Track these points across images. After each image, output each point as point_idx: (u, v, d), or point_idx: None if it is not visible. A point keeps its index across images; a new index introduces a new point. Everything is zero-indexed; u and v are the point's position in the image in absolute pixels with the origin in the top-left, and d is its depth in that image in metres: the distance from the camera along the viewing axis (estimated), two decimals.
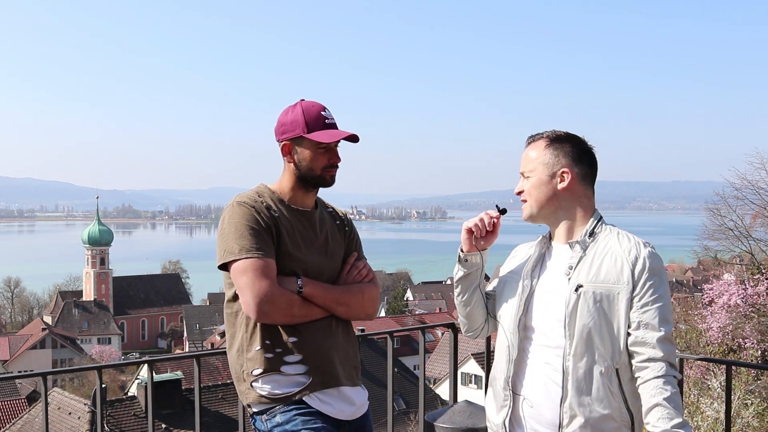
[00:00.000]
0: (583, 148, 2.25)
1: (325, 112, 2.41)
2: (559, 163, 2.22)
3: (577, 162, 2.22)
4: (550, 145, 2.24)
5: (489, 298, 2.42)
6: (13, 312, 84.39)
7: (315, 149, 2.38)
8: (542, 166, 2.23)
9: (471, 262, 2.33)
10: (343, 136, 2.39)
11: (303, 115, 2.38)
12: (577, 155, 2.23)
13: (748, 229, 16.26)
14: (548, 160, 2.23)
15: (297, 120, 2.39)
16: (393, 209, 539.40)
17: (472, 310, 2.39)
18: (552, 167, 2.22)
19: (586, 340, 2.09)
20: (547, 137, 2.26)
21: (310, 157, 2.39)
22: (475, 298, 2.37)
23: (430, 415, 3.37)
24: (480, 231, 2.29)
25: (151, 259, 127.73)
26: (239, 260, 2.27)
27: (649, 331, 2.07)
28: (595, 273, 2.13)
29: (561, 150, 2.23)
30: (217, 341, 58.07)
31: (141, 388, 22.77)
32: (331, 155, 2.41)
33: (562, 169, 2.21)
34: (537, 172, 2.24)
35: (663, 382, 2.04)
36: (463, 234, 2.31)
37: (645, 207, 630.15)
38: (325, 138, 2.36)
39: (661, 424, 2.01)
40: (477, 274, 2.36)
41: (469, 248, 2.31)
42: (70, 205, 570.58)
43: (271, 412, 2.31)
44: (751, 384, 10.21)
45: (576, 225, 2.23)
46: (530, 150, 2.28)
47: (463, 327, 2.46)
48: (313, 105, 2.42)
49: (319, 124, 2.38)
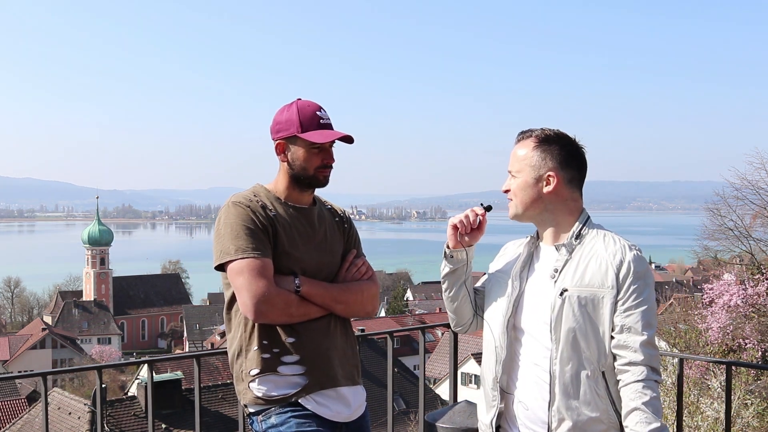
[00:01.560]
0: (572, 150, 2.22)
1: (320, 112, 2.38)
2: (546, 167, 2.19)
3: (564, 165, 2.20)
4: (538, 146, 2.21)
5: (478, 294, 2.43)
6: (13, 312, 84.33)
7: (309, 149, 2.36)
8: (529, 168, 2.21)
9: (456, 258, 2.34)
10: (337, 137, 2.36)
11: (298, 114, 2.36)
12: (564, 158, 2.20)
13: (748, 229, 16.23)
14: (535, 163, 2.20)
15: (291, 119, 2.36)
16: (393, 209, 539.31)
17: (459, 306, 2.40)
18: (538, 170, 2.20)
19: (572, 344, 2.09)
20: (536, 137, 2.23)
21: (303, 156, 2.37)
22: (462, 294, 2.38)
23: (430, 415, 3.37)
24: (465, 228, 2.30)
25: (151, 259, 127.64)
26: (236, 260, 2.26)
27: (631, 335, 2.06)
28: (580, 277, 2.12)
29: (549, 152, 2.20)
30: (217, 341, 58.04)
31: (141, 388, 22.75)
32: (325, 155, 2.39)
33: (548, 173, 2.19)
34: (523, 174, 2.22)
35: (642, 386, 2.03)
36: (448, 230, 2.32)
37: (645, 207, 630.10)
38: (319, 138, 2.34)
39: (639, 429, 2.00)
40: (463, 270, 2.37)
41: (455, 245, 2.32)
42: (70, 205, 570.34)
43: (266, 414, 2.31)
44: (751, 384, 10.21)
45: (562, 227, 2.22)
46: (519, 148, 2.25)
47: (451, 322, 2.47)
48: (309, 104, 2.40)
49: (313, 124, 2.36)
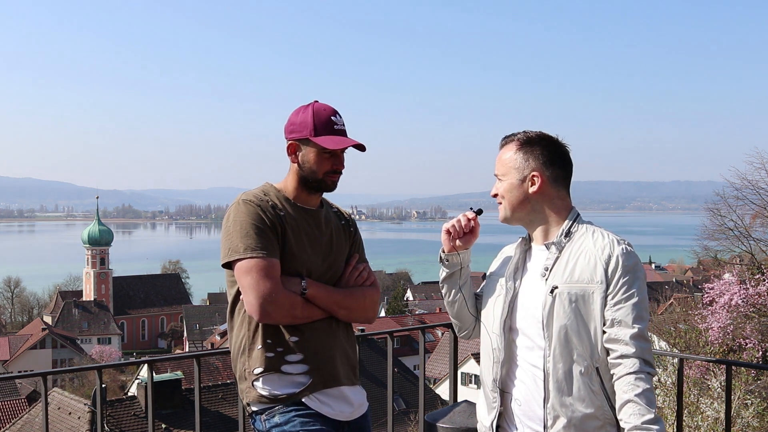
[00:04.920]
0: (555, 150, 2.24)
1: (335, 117, 2.38)
2: (529, 167, 2.22)
3: (548, 165, 2.22)
4: (520, 148, 2.24)
5: (478, 299, 2.45)
6: (13, 312, 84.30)
7: (320, 153, 2.36)
8: (513, 170, 2.24)
9: (452, 262, 2.38)
10: (350, 145, 2.37)
11: (313, 117, 2.36)
12: (547, 158, 2.23)
13: (748, 229, 16.26)
14: (518, 164, 2.24)
15: (306, 121, 2.36)
16: (393, 209, 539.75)
17: (459, 310, 2.43)
18: (522, 171, 2.23)
19: (564, 341, 2.10)
20: (518, 140, 2.26)
21: (314, 160, 2.37)
22: (460, 298, 2.41)
23: (430, 415, 3.36)
24: (457, 232, 2.34)
25: (151, 259, 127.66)
26: (244, 259, 2.26)
27: (622, 329, 2.07)
28: (570, 273, 2.13)
29: (531, 154, 2.23)
30: (217, 341, 58.02)
31: (141, 388, 22.78)
32: (335, 161, 2.39)
33: (532, 173, 2.22)
34: (509, 176, 2.25)
35: (635, 378, 2.04)
36: (442, 235, 2.37)
37: (645, 207, 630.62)
38: (331, 144, 2.34)
39: (633, 420, 2.01)
40: (459, 273, 2.40)
41: (449, 249, 2.36)
42: (70, 205, 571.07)
43: (270, 412, 2.31)
44: (751, 384, 10.22)
45: (551, 226, 2.25)
46: (503, 153, 2.29)
47: (455, 328, 2.50)
48: (325, 108, 2.39)
49: (327, 129, 2.35)
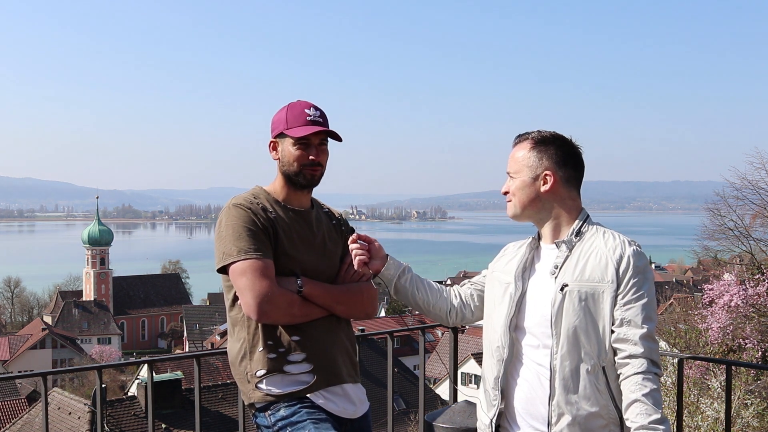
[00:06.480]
0: (568, 150, 2.27)
1: (309, 110, 2.39)
2: (542, 166, 2.24)
3: (561, 165, 2.25)
4: (534, 147, 2.27)
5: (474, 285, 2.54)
6: (13, 312, 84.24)
7: (294, 144, 2.38)
8: (526, 169, 2.26)
9: (385, 279, 2.50)
10: (314, 131, 2.36)
11: (287, 112, 2.39)
12: (561, 158, 2.25)
13: (748, 229, 16.23)
14: (532, 163, 2.26)
15: (281, 117, 2.40)
16: (393, 209, 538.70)
17: (425, 308, 2.52)
18: (535, 170, 2.25)
19: (572, 339, 2.11)
20: (532, 139, 2.28)
21: (289, 153, 2.38)
22: (421, 299, 2.51)
23: (430, 415, 3.37)
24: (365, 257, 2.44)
25: (151, 259, 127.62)
26: (238, 262, 2.26)
27: (631, 328, 2.08)
28: (580, 272, 2.15)
29: (545, 153, 2.25)
30: (217, 341, 57.99)
31: (141, 388, 22.76)
32: (312, 152, 2.38)
33: (545, 172, 2.24)
34: (521, 174, 2.27)
35: (642, 378, 2.05)
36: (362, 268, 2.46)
37: (645, 207, 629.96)
38: (300, 132, 2.35)
39: (640, 420, 2.02)
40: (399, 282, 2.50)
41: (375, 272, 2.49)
42: (70, 205, 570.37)
43: (275, 407, 2.31)
44: (751, 384, 10.21)
45: (562, 225, 2.26)
46: (516, 151, 2.31)
47: (442, 322, 2.56)
48: (300, 103, 2.42)
49: (299, 121, 2.37)
